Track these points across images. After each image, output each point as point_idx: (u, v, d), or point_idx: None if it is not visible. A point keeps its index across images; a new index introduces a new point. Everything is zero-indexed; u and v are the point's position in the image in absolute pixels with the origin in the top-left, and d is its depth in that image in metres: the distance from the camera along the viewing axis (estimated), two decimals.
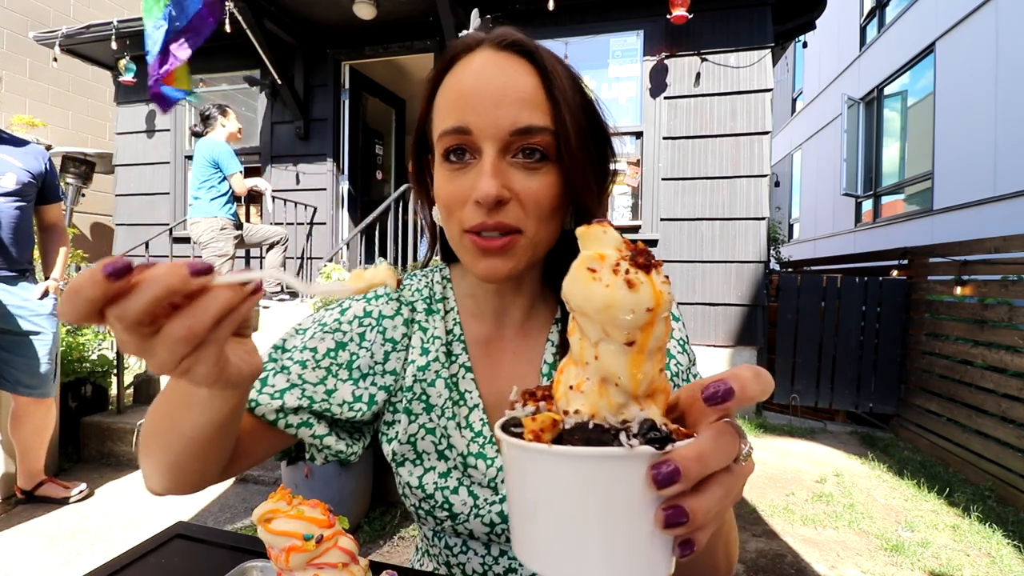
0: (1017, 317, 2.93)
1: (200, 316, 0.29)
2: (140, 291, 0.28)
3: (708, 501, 0.28)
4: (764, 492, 2.83)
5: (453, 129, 0.52)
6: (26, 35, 5.38)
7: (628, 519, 0.28)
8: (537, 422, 0.29)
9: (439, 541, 0.64)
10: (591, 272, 0.28)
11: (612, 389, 0.29)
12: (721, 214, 4.02)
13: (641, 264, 0.28)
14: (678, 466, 0.27)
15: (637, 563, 0.28)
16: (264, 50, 4.32)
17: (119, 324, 0.28)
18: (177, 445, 0.45)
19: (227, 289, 0.30)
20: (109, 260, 0.27)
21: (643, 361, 0.29)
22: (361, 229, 3.87)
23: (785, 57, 10.41)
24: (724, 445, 0.29)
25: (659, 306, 0.28)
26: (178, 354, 0.30)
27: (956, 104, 6.12)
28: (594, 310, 0.28)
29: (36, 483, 2.43)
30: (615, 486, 0.28)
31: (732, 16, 4.02)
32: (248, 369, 0.36)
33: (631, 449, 0.27)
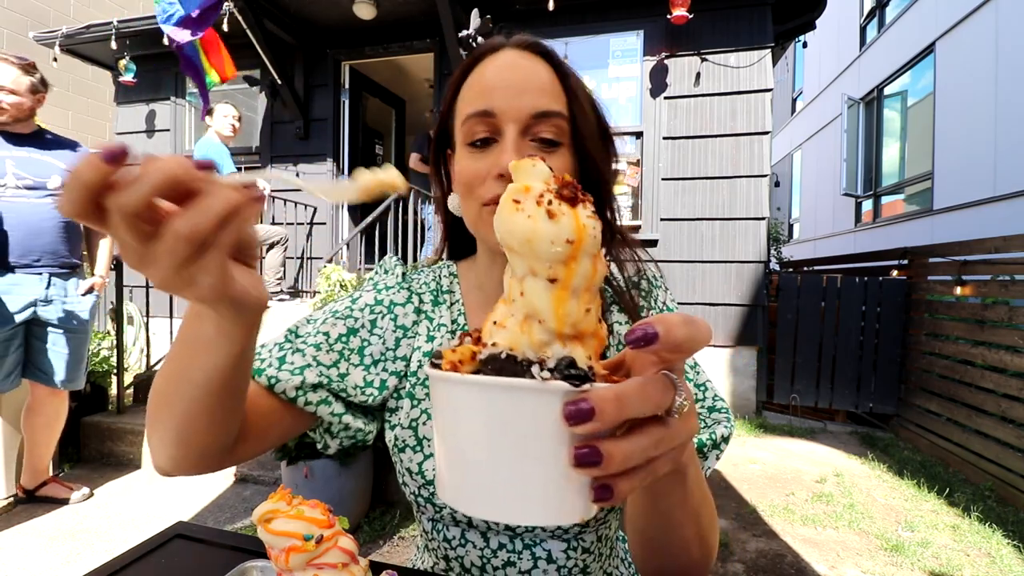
0: (1017, 317, 2.93)
1: (204, 213, 0.28)
2: (142, 178, 0.26)
3: (629, 447, 0.27)
4: (764, 492, 2.83)
5: (479, 112, 0.57)
6: (26, 35, 5.39)
7: (541, 455, 0.27)
8: (456, 353, 0.29)
9: (438, 534, 0.64)
10: (515, 204, 0.28)
11: (535, 326, 0.28)
12: (721, 214, 4.02)
13: (566, 197, 0.28)
14: (593, 405, 0.26)
15: (551, 502, 0.28)
16: (264, 50, 4.32)
17: (119, 216, 0.27)
18: (186, 396, 0.43)
19: (230, 187, 0.29)
20: (110, 143, 0.26)
21: (567, 298, 0.28)
22: (361, 229, 3.87)
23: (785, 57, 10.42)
24: (651, 392, 0.28)
25: (581, 239, 0.27)
26: (181, 256, 0.28)
27: (956, 104, 6.12)
28: (517, 242, 0.28)
29: (40, 482, 2.43)
30: (526, 420, 0.27)
31: (732, 16, 4.03)
32: (255, 294, 0.35)
33: (543, 383, 0.27)
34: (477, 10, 3.73)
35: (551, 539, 0.61)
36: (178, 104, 5.32)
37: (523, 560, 0.61)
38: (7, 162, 2.13)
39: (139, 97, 5.31)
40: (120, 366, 3.14)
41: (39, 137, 2.24)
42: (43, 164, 2.21)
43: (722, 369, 4.01)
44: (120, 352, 3.14)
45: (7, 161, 2.13)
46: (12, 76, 2.10)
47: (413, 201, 3.96)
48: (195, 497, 2.55)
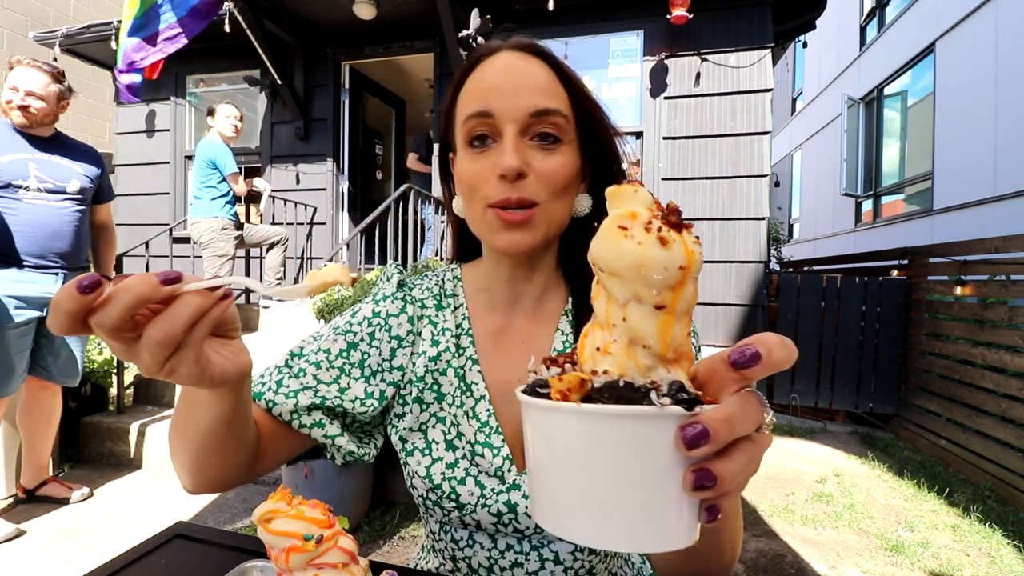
0: (1017, 317, 2.93)
1: (173, 320, 0.33)
2: (114, 301, 0.31)
3: (734, 466, 0.28)
4: (764, 492, 2.83)
5: (477, 112, 0.58)
6: (26, 35, 5.39)
7: (655, 481, 0.27)
8: (564, 382, 0.29)
9: (445, 535, 0.64)
10: (622, 230, 0.28)
11: (640, 351, 0.29)
12: (721, 214, 4.02)
13: (673, 223, 0.28)
14: (707, 427, 0.26)
15: (662, 527, 0.28)
16: (264, 50, 4.32)
17: (101, 331, 0.31)
18: (193, 441, 0.49)
19: (196, 295, 0.34)
20: (83, 276, 0.31)
21: (672, 323, 0.28)
22: (361, 229, 3.87)
23: (785, 57, 10.43)
24: (751, 410, 0.29)
25: (691, 264, 0.28)
26: (159, 356, 0.33)
27: (956, 104, 6.12)
28: (625, 268, 0.28)
29: (40, 481, 2.44)
30: (644, 446, 0.27)
31: (732, 16, 4.02)
32: (233, 368, 0.40)
33: (661, 408, 0.27)
34: (477, 10, 3.73)
35: (558, 540, 0.61)
36: (178, 104, 5.32)
37: (530, 561, 0.61)
38: (30, 165, 2.18)
39: (139, 97, 5.30)
40: (120, 366, 3.14)
41: (58, 141, 2.31)
42: (63, 168, 2.27)
43: None
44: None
45: (30, 164, 2.18)
46: (43, 83, 2.17)
47: (413, 201, 3.96)
48: (195, 497, 2.55)
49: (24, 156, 2.17)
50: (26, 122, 2.16)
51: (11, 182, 2.13)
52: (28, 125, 2.17)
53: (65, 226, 2.27)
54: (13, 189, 2.14)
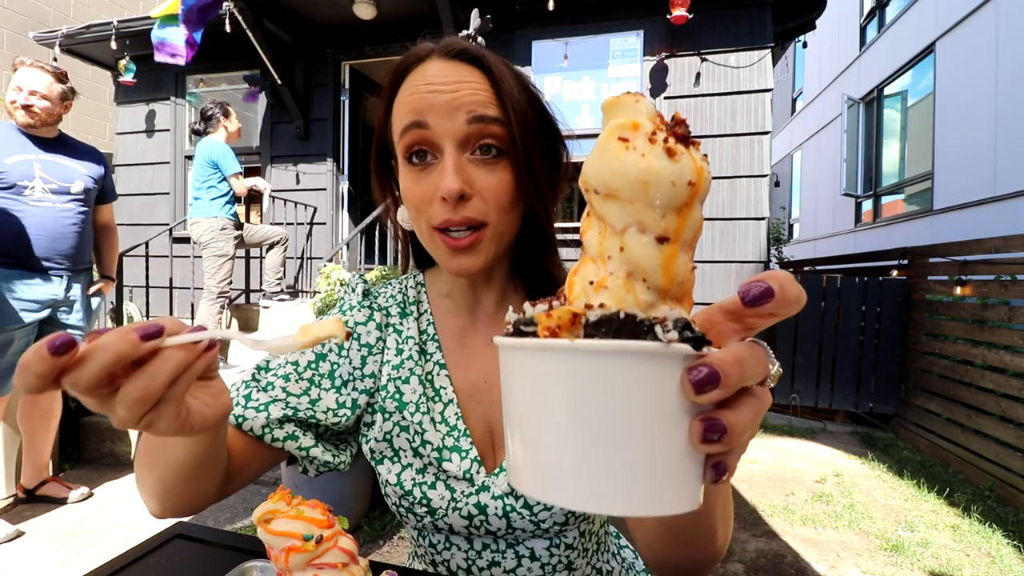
0: (1017, 317, 2.93)
1: (153, 378, 0.31)
2: (90, 361, 0.29)
3: (743, 418, 0.25)
4: (764, 492, 2.83)
5: (413, 123, 0.55)
6: (26, 35, 5.39)
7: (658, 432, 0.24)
8: (553, 318, 0.25)
9: (423, 540, 0.65)
10: (623, 142, 0.24)
11: (640, 286, 0.25)
12: (721, 214, 4.02)
13: (680, 135, 0.25)
14: (717, 369, 0.23)
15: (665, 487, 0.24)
16: (264, 50, 4.32)
17: (75, 390, 0.29)
18: (165, 475, 0.48)
19: (179, 349, 0.31)
20: (54, 336, 0.28)
21: (677, 252, 0.25)
22: (361, 229, 3.87)
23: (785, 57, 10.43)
24: (759, 356, 0.26)
25: (700, 182, 0.24)
26: (136, 414, 0.31)
27: (956, 104, 6.11)
28: (627, 185, 0.24)
29: (40, 481, 2.44)
30: (647, 389, 0.23)
31: (732, 16, 4.02)
32: (213, 413, 0.37)
33: (667, 345, 0.23)
34: (477, 10, 3.73)
35: (533, 538, 0.61)
36: (178, 104, 5.32)
37: (507, 559, 0.62)
38: (35, 166, 2.19)
39: (139, 97, 5.31)
40: None
41: (63, 142, 2.32)
42: (67, 169, 2.28)
43: None
44: None
45: (35, 165, 2.19)
46: (46, 83, 2.18)
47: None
48: None
49: (29, 157, 2.18)
50: (31, 122, 2.16)
51: (16, 183, 2.13)
52: (32, 125, 2.17)
53: (69, 227, 2.27)
54: (19, 190, 2.14)
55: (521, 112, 0.56)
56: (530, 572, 0.62)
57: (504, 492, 0.59)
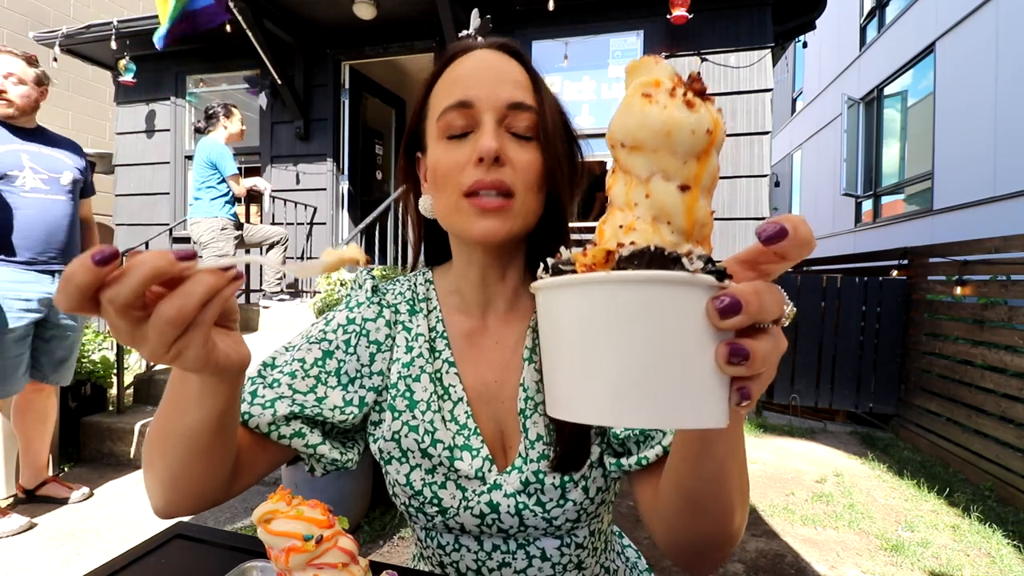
0: (1017, 317, 2.93)
1: (187, 297, 0.32)
2: (130, 274, 0.30)
3: (764, 348, 0.27)
4: (764, 492, 2.83)
5: (457, 103, 0.57)
6: (26, 35, 5.38)
7: (689, 354, 0.26)
8: (589, 256, 0.28)
9: (431, 541, 0.64)
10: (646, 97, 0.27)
11: (665, 228, 0.28)
12: (721, 214, 4.02)
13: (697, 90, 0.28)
14: (738, 298, 0.26)
15: (698, 402, 0.27)
16: (264, 50, 4.32)
17: (111, 308, 0.30)
18: (177, 448, 0.46)
19: (209, 273, 0.33)
20: (97, 248, 0.29)
21: (698, 196, 0.27)
22: (361, 229, 3.87)
23: (785, 57, 10.43)
24: (776, 293, 0.28)
25: (717, 130, 0.27)
26: (168, 336, 0.32)
27: (956, 104, 6.11)
28: (651, 135, 0.27)
29: (39, 482, 2.43)
30: (678, 315, 0.26)
31: (732, 16, 4.02)
32: (236, 357, 0.39)
33: (693, 275, 0.26)
34: (477, 10, 3.73)
35: (544, 537, 0.61)
36: (178, 104, 5.32)
37: (518, 560, 0.61)
38: (22, 156, 2.12)
39: (139, 97, 5.31)
40: (120, 366, 3.14)
41: (42, 133, 2.24)
42: (54, 159, 2.21)
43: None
44: (120, 352, 3.14)
45: (22, 155, 2.12)
46: (19, 66, 2.10)
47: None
48: None
49: (15, 147, 2.11)
50: (9, 112, 2.07)
51: (7, 173, 2.06)
52: (11, 116, 2.09)
53: (61, 220, 2.20)
54: (9, 180, 2.07)
55: (551, 106, 0.60)
56: (540, 572, 0.61)
57: (516, 490, 0.59)
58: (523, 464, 0.59)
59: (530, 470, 0.59)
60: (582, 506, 0.59)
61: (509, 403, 0.63)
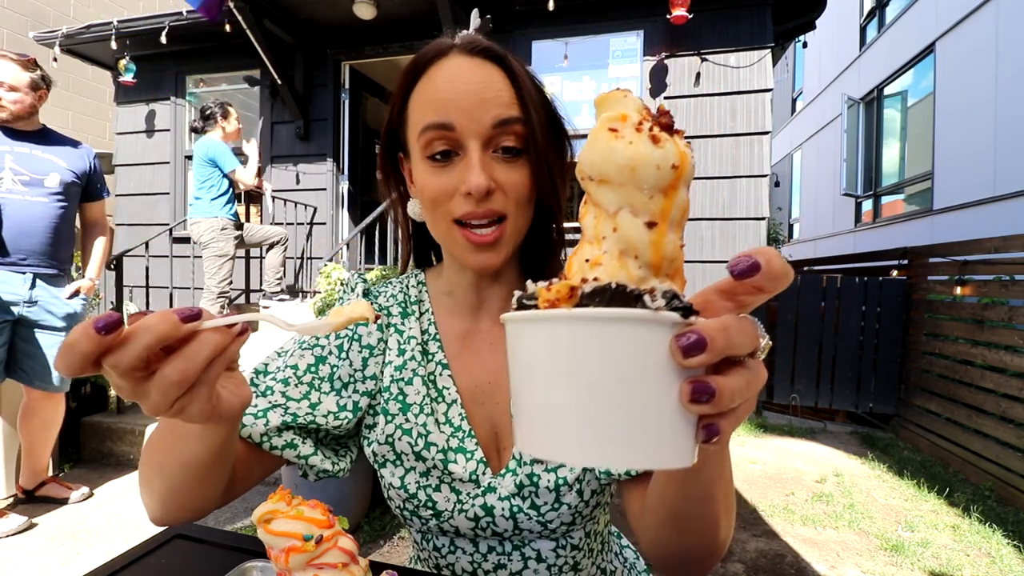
0: (1017, 317, 2.93)
1: (192, 359, 0.31)
2: (133, 341, 0.29)
3: (733, 384, 0.27)
4: (764, 492, 2.83)
5: (437, 124, 0.55)
6: (26, 35, 5.38)
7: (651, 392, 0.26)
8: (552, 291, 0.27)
9: (427, 543, 0.64)
10: (613, 132, 0.27)
11: (632, 262, 0.27)
12: (721, 214, 4.02)
13: (664, 125, 0.27)
14: (703, 336, 0.25)
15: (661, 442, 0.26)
16: (264, 50, 4.32)
17: (114, 372, 0.30)
18: (176, 473, 0.47)
19: (216, 332, 0.32)
20: (101, 316, 0.29)
21: (665, 231, 0.27)
22: (361, 229, 3.87)
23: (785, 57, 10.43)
24: (747, 328, 0.27)
25: (684, 165, 0.27)
26: (172, 396, 0.32)
27: (956, 104, 6.12)
28: (617, 170, 0.27)
29: (39, 482, 2.43)
30: (639, 353, 0.25)
31: (732, 16, 4.02)
32: (238, 401, 0.38)
33: (655, 312, 0.25)
34: (477, 10, 3.73)
35: (539, 539, 0.61)
36: (178, 104, 5.32)
37: (513, 562, 0.61)
38: (6, 157, 2.12)
39: (139, 97, 5.31)
40: None
41: (43, 135, 2.24)
42: (42, 161, 2.19)
43: None
44: None
45: (6, 157, 2.12)
46: (11, 72, 2.09)
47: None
48: None
49: (1, 149, 2.10)
50: (2, 115, 2.07)
51: None
52: (5, 120, 2.09)
53: (38, 222, 2.16)
54: None
55: (539, 112, 0.58)
56: (536, 574, 0.61)
57: (511, 493, 0.59)
58: (517, 467, 0.59)
59: (524, 473, 0.59)
60: (577, 509, 0.59)
61: (503, 405, 0.63)
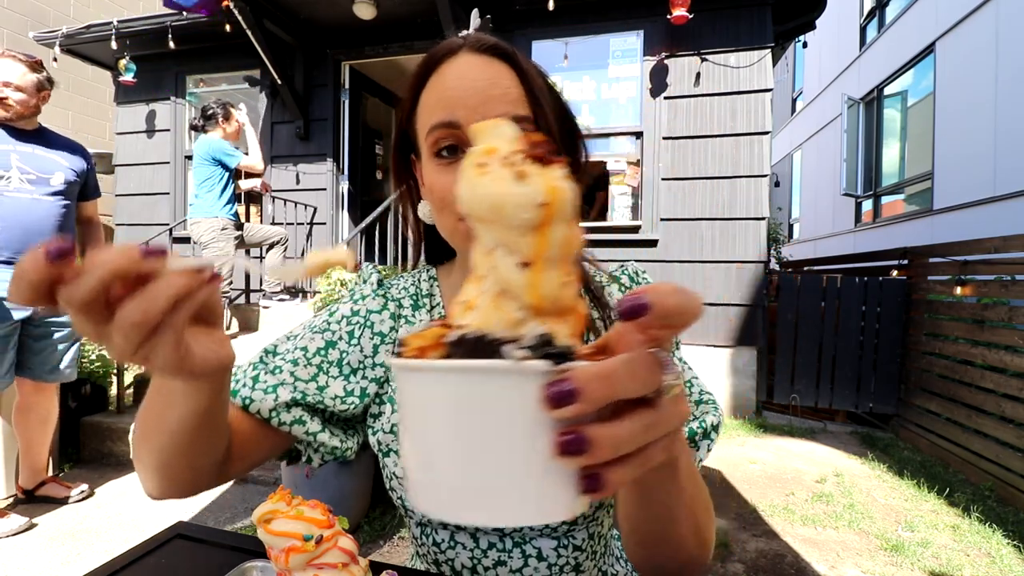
0: (1017, 317, 2.93)
1: (153, 299, 0.29)
2: (87, 274, 0.27)
3: (619, 432, 0.25)
4: (764, 492, 2.83)
5: (444, 123, 0.55)
6: (26, 35, 5.38)
7: (520, 446, 0.24)
8: (420, 338, 0.26)
9: (427, 538, 0.64)
10: (480, 167, 0.25)
11: (509, 303, 0.25)
12: (721, 214, 4.02)
13: (537, 156, 0.25)
14: (575, 385, 0.23)
15: (533, 498, 0.25)
16: (264, 50, 4.32)
17: (69, 307, 0.28)
18: (163, 443, 0.45)
19: (180, 274, 0.30)
20: (53, 241, 0.27)
21: (541, 269, 0.25)
22: (361, 229, 3.87)
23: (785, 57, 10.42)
24: (639, 369, 0.25)
25: (554, 201, 0.24)
26: (133, 340, 0.29)
27: (956, 104, 6.12)
28: (484, 209, 0.25)
29: (38, 482, 2.43)
30: (501, 406, 0.24)
31: (732, 16, 4.02)
32: (215, 359, 0.36)
33: (517, 363, 0.23)
34: (477, 10, 3.73)
35: (541, 537, 0.61)
36: (178, 104, 5.32)
37: (513, 559, 0.61)
38: (12, 156, 2.14)
39: (139, 97, 5.31)
40: (120, 366, 3.14)
41: (42, 135, 2.26)
42: (47, 160, 2.22)
43: (722, 369, 4.01)
44: None
45: (12, 155, 2.14)
46: (19, 73, 2.11)
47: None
48: (195, 497, 2.54)
49: (6, 148, 2.13)
50: (6, 115, 2.10)
51: None
52: (9, 119, 2.11)
53: (46, 220, 2.20)
54: None
55: (549, 111, 0.57)
56: (536, 572, 0.61)
57: None
58: None
59: None
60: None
61: None
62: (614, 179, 4.32)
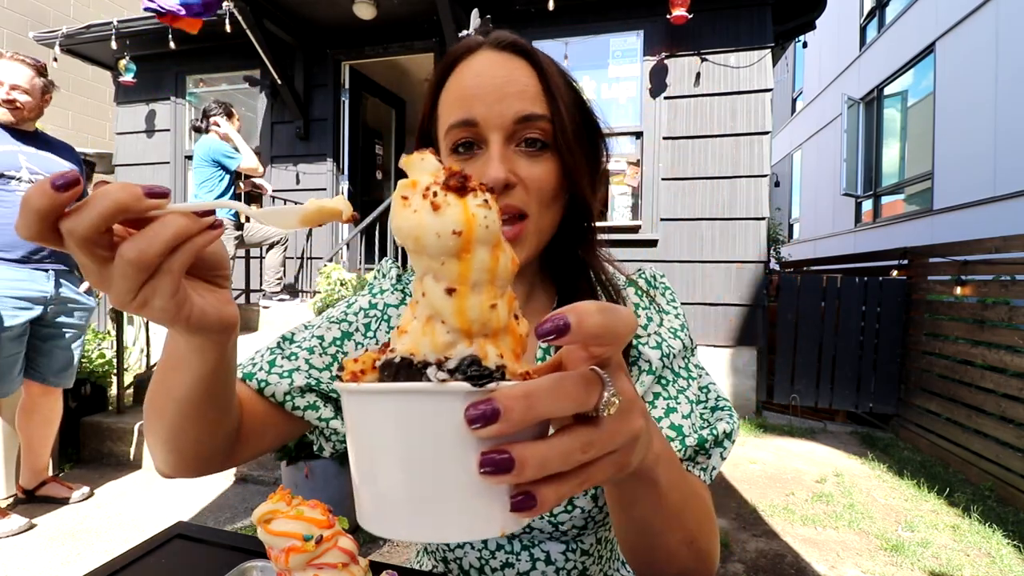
0: (1017, 317, 2.93)
1: (152, 240, 0.29)
2: (91, 205, 0.27)
3: (548, 451, 0.25)
4: (764, 492, 2.83)
5: (461, 122, 0.55)
6: (26, 35, 5.38)
7: (447, 466, 0.25)
8: (358, 363, 0.27)
9: None
10: (403, 200, 0.27)
11: (439, 327, 0.27)
12: (721, 214, 4.02)
13: (453, 187, 0.26)
14: (497, 406, 0.24)
15: (465, 515, 0.26)
16: (264, 50, 4.32)
17: (71, 240, 0.28)
18: (171, 410, 0.45)
19: (180, 216, 0.30)
20: (59, 172, 0.27)
21: (466, 293, 0.26)
22: (361, 229, 3.87)
23: (785, 57, 10.42)
24: (569, 388, 0.25)
25: (471, 230, 0.26)
26: (132, 281, 0.29)
27: (956, 104, 6.12)
28: (408, 240, 0.26)
29: (39, 482, 2.43)
30: (427, 427, 0.25)
31: (732, 16, 4.02)
32: (215, 314, 0.36)
33: (439, 384, 0.25)
34: (477, 10, 3.73)
35: (549, 540, 0.61)
36: (178, 104, 5.32)
37: (521, 561, 0.61)
38: (20, 156, 2.16)
39: (139, 97, 5.31)
40: (120, 366, 3.14)
41: (41, 138, 2.29)
42: (50, 161, 2.24)
43: (722, 369, 4.01)
44: (120, 352, 3.14)
45: (20, 156, 2.16)
46: (27, 76, 2.15)
47: None
48: (195, 497, 2.55)
49: (13, 148, 2.15)
50: (12, 118, 2.12)
51: (3, 173, 2.10)
52: (14, 121, 2.13)
53: None
54: (5, 180, 2.10)
55: (567, 108, 0.56)
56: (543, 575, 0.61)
57: None
58: None
59: None
60: (590, 514, 0.59)
61: None
62: (614, 179, 4.32)
